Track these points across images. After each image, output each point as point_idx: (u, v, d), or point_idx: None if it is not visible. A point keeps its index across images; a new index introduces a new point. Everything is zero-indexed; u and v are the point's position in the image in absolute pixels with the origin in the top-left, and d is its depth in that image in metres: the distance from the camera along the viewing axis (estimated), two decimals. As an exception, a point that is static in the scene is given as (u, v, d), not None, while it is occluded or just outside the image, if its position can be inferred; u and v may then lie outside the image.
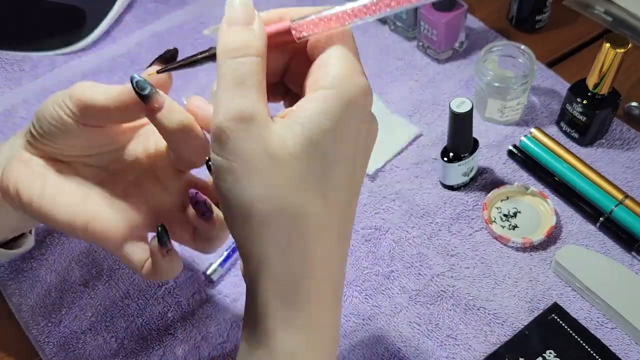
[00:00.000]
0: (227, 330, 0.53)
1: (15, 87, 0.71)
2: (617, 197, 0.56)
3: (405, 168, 0.62)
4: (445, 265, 0.55)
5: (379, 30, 0.74)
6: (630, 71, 0.67)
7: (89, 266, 0.57)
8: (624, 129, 0.63)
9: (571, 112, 0.60)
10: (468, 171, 0.58)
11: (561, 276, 0.54)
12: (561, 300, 0.52)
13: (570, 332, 0.50)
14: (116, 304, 0.55)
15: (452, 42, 0.68)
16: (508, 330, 0.51)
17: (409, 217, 0.58)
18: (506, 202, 0.58)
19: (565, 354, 0.49)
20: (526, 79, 0.60)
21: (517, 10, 0.71)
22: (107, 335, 0.53)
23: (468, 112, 0.53)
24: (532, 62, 0.61)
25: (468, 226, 0.57)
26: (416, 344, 0.51)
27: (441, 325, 0.52)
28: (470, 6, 0.68)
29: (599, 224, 0.56)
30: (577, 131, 0.61)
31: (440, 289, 0.54)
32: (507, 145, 0.62)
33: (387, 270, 0.55)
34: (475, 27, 0.73)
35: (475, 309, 0.53)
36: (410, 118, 0.65)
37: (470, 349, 0.50)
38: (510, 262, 0.55)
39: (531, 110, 0.65)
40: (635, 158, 0.60)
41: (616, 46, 0.54)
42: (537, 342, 0.50)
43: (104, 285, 0.56)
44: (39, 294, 0.55)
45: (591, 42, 0.72)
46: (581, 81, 0.59)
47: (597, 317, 0.51)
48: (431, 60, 0.70)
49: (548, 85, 0.67)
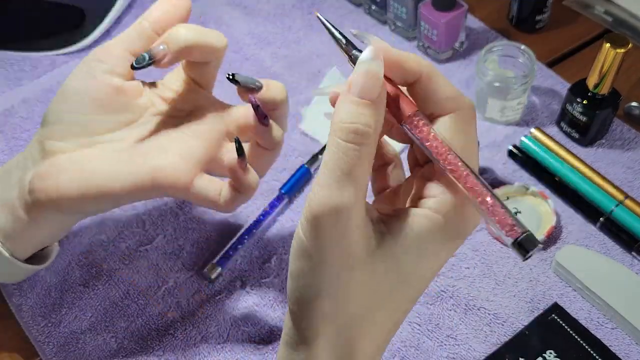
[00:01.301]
0: (227, 330, 0.53)
1: (15, 87, 0.71)
2: (618, 198, 0.56)
3: (405, 168, 0.62)
4: (445, 265, 0.55)
5: (379, 30, 0.74)
6: (631, 71, 0.67)
7: (88, 266, 0.57)
8: (624, 129, 0.63)
9: (571, 112, 0.60)
10: (468, 171, 0.58)
11: (561, 276, 0.54)
12: (561, 301, 0.52)
13: (571, 332, 0.50)
14: (116, 304, 0.55)
15: (452, 42, 0.68)
16: (508, 330, 0.51)
17: (409, 217, 0.58)
18: (506, 202, 0.58)
19: (565, 354, 0.49)
20: (526, 79, 0.60)
21: (517, 10, 0.71)
22: (107, 336, 0.53)
23: (468, 112, 0.52)
24: (532, 62, 0.61)
25: (468, 226, 0.57)
26: (416, 344, 0.51)
27: (441, 325, 0.52)
28: (470, 6, 0.68)
29: (599, 224, 0.56)
30: (577, 131, 0.61)
31: (440, 288, 0.54)
32: (508, 145, 0.62)
33: (387, 271, 0.55)
34: (476, 27, 0.73)
35: (476, 309, 0.53)
36: (410, 118, 0.65)
37: (471, 349, 0.50)
38: (511, 262, 0.55)
39: (531, 110, 0.65)
40: (635, 158, 0.60)
41: (616, 46, 0.54)
42: (538, 342, 0.50)
43: (103, 286, 0.56)
44: (38, 294, 0.55)
45: (591, 42, 0.72)
46: (581, 81, 0.59)
47: (598, 317, 0.51)
48: (431, 60, 0.70)
49: (548, 85, 0.67)
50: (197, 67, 0.47)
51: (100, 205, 0.47)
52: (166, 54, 0.43)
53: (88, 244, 0.58)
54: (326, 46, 0.73)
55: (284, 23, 0.75)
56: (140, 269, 0.57)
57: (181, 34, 0.43)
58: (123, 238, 0.59)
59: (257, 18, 0.76)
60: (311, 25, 0.75)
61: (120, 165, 0.44)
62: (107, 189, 0.44)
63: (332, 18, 0.75)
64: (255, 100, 0.44)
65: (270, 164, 0.49)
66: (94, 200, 0.45)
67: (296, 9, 0.77)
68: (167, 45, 0.44)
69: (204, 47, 0.44)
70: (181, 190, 0.45)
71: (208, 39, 0.44)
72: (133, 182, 0.44)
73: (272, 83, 0.45)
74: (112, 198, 0.45)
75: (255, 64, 0.71)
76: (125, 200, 0.46)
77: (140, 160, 0.44)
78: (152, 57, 0.43)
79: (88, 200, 0.44)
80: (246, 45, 0.73)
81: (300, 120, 0.66)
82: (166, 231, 0.59)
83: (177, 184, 0.44)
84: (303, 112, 0.66)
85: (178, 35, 0.43)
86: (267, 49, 0.73)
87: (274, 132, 0.46)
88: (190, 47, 0.44)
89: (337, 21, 0.75)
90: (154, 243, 0.58)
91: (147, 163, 0.44)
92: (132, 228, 0.59)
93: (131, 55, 0.45)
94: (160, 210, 0.60)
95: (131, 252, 0.58)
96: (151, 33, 0.45)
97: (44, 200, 0.44)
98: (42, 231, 0.48)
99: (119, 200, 0.46)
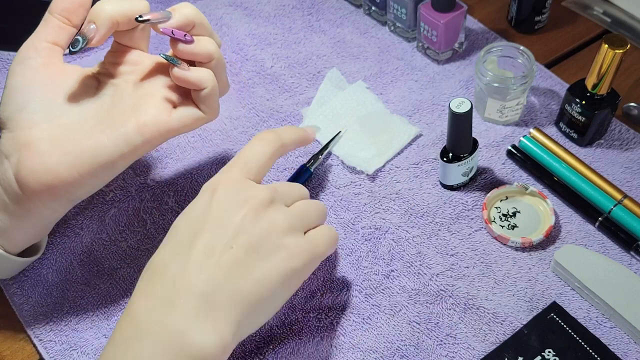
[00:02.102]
0: (227, 329, 0.53)
1: (16, 87, 0.71)
2: (616, 197, 0.57)
3: (405, 168, 0.62)
4: (444, 265, 0.55)
5: (379, 30, 0.74)
6: (629, 72, 0.68)
7: (90, 265, 0.57)
8: (622, 129, 0.63)
9: (570, 113, 0.60)
10: (467, 171, 0.59)
11: (560, 275, 0.54)
12: (560, 300, 0.53)
13: (569, 331, 0.51)
14: (117, 303, 0.55)
15: (451, 43, 0.69)
16: (507, 330, 0.51)
17: (409, 217, 0.58)
18: (505, 202, 0.59)
19: (564, 353, 0.50)
20: (525, 80, 0.60)
21: (516, 11, 0.72)
22: (109, 334, 0.53)
23: (467, 112, 0.53)
24: (531, 63, 0.61)
25: (467, 226, 0.58)
26: (416, 343, 0.51)
27: (441, 324, 0.52)
28: (469, 7, 0.68)
29: (598, 224, 0.56)
30: (576, 131, 0.61)
31: (439, 288, 0.54)
32: (507, 145, 0.62)
33: (386, 270, 0.55)
34: (475, 27, 0.73)
35: (475, 308, 0.53)
36: (410, 118, 0.66)
37: (470, 348, 0.51)
38: (510, 261, 0.55)
39: (530, 110, 0.65)
40: (634, 158, 0.61)
41: (615, 47, 0.54)
42: (536, 341, 0.50)
43: (105, 284, 0.56)
44: (40, 293, 0.56)
45: (590, 42, 0.72)
46: (580, 82, 0.59)
47: (596, 316, 0.52)
48: (431, 61, 0.70)
49: (547, 86, 0.67)
50: (128, 34, 0.51)
51: (95, 179, 0.48)
52: (96, 31, 0.46)
53: (89, 243, 0.58)
54: (326, 47, 0.73)
55: (284, 24, 0.76)
56: (141, 268, 0.56)
57: (105, 9, 0.46)
58: (124, 237, 0.59)
59: (257, 19, 0.76)
60: (311, 26, 0.75)
61: (105, 134, 0.46)
62: (101, 159, 0.46)
63: (332, 19, 0.76)
64: (167, 29, 0.47)
65: (223, 78, 0.53)
66: (89, 175, 0.46)
67: (296, 10, 0.77)
68: (94, 23, 0.46)
69: (127, 16, 0.47)
70: (167, 131, 0.49)
71: (130, 6, 0.47)
72: (125, 143, 0.47)
73: (178, 6, 0.48)
74: (107, 167, 0.47)
75: (256, 64, 0.72)
76: (121, 164, 0.48)
77: (122, 123, 0.47)
78: (85, 37, 0.46)
79: (83, 176, 0.46)
80: (246, 46, 0.73)
81: (300, 121, 0.66)
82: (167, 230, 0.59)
83: (162, 128, 0.48)
84: (303, 112, 0.67)
85: (103, 11, 0.46)
86: (268, 49, 0.73)
87: (202, 44, 0.49)
88: (116, 18, 0.47)
89: (337, 22, 0.75)
90: (155, 242, 0.58)
91: (129, 124, 0.47)
92: (134, 227, 0.59)
93: (51, 45, 0.48)
94: (162, 210, 0.60)
95: (132, 251, 0.58)
96: (59, 22, 0.48)
97: (36, 188, 0.45)
98: (34, 223, 0.49)
99: (115, 167, 0.48)
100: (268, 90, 0.69)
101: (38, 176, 0.45)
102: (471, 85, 0.68)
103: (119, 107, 0.48)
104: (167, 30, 0.47)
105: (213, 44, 0.50)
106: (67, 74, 0.49)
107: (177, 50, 0.48)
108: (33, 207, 0.47)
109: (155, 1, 0.79)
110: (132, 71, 0.51)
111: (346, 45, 0.73)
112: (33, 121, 0.46)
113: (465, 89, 0.68)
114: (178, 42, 0.48)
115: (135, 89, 0.50)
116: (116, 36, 0.51)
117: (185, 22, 0.48)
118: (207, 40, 0.49)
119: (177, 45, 0.48)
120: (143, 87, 0.50)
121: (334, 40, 0.73)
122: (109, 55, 0.52)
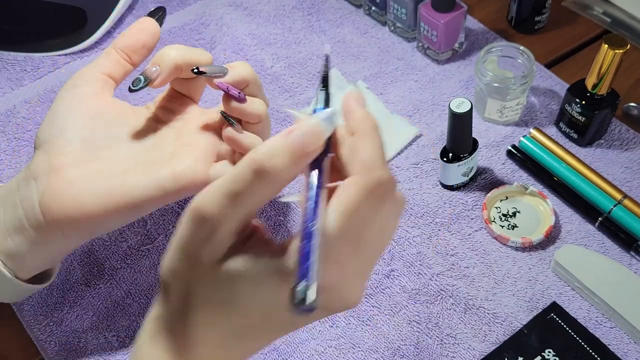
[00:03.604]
0: (227, 329, 0.53)
1: (17, 87, 0.71)
2: (616, 197, 0.57)
3: (405, 168, 0.62)
4: (444, 265, 0.55)
5: (379, 31, 0.74)
6: (629, 72, 0.68)
7: (90, 265, 0.57)
8: (622, 129, 0.63)
9: (570, 113, 0.60)
10: (467, 171, 0.59)
11: (560, 275, 0.54)
12: (560, 300, 0.53)
13: (569, 331, 0.51)
14: (118, 303, 0.55)
15: (451, 43, 0.69)
16: (507, 330, 0.51)
17: (409, 217, 0.58)
18: (505, 202, 0.59)
19: (564, 353, 0.50)
20: (525, 80, 0.60)
21: (516, 11, 0.72)
22: (109, 335, 0.53)
23: (467, 112, 0.53)
24: (531, 63, 0.61)
25: (467, 226, 0.58)
26: (416, 342, 0.51)
27: (441, 324, 0.52)
28: (469, 7, 0.68)
29: (598, 224, 0.56)
30: (576, 131, 0.61)
31: (439, 288, 0.54)
32: (507, 145, 0.62)
33: (387, 270, 0.55)
34: (475, 27, 0.73)
35: (475, 308, 0.53)
36: (410, 118, 0.66)
37: (470, 348, 0.51)
38: (510, 261, 0.55)
39: (530, 110, 0.65)
40: (633, 158, 0.61)
41: (615, 47, 0.54)
42: (536, 341, 0.50)
43: (105, 285, 0.56)
44: (40, 293, 0.56)
45: (590, 42, 0.72)
46: (580, 82, 0.59)
47: (596, 316, 0.52)
48: (431, 61, 0.70)
49: (547, 86, 0.67)
50: (185, 82, 0.51)
51: (119, 218, 0.47)
52: (159, 74, 0.47)
53: (90, 244, 0.58)
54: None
55: (284, 24, 0.76)
56: (141, 268, 0.57)
57: (171, 54, 0.47)
58: (125, 238, 0.59)
59: (257, 19, 0.76)
60: (311, 27, 0.75)
61: (139, 175, 0.46)
62: (129, 199, 0.45)
63: (333, 19, 0.76)
64: (223, 84, 0.47)
65: (266, 137, 0.51)
66: (114, 212, 0.45)
67: (296, 10, 0.77)
68: (159, 66, 0.47)
69: (191, 64, 0.47)
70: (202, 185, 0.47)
71: (194, 56, 0.48)
72: (157, 188, 0.46)
73: (235, 64, 0.49)
74: (134, 208, 0.46)
75: (256, 64, 0.72)
76: (148, 208, 0.47)
77: (158, 168, 0.47)
78: (147, 78, 0.47)
79: (109, 212, 0.45)
80: (247, 46, 0.73)
81: (300, 121, 0.66)
82: (168, 231, 0.59)
83: (198, 180, 0.48)
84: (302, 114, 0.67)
85: (168, 56, 0.47)
86: (268, 49, 0.73)
87: (254, 105, 0.49)
88: (180, 65, 0.47)
89: (337, 22, 0.75)
90: (155, 243, 0.58)
91: (165, 170, 0.47)
92: (134, 228, 0.59)
93: (106, 77, 0.48)
94: (162, 210, 0.60)
95: (133, 252, 0.58)
96: (120, 57, 0.49)
97: (58, 216, 0.44)
98: (50, 250, 0.48)
99: (142, 209, 0.47)
100: (268, 90, 0.69)
101: (62, 204, 0.44)
102: (471, 85, 0.68)
103: (159, 151, 0.48)
104: (223, 86, 0.47)
105: (264, 105, 0.49)
106: (115, 108, 0.48)
107: (229, 107, 0.48)
108: (51, 236, 0.46)
109: (154, 1, 0.79)
110: (180, 119, 0.51)
111: (346, 46, 0.73)
112: (69, 148, 0.45)
113: (465, 89, 0.68)
114: (231, 100, 0.48)
115: (179, 137, 0.49)
116: (174, 83, 0.51)
117: (240, 80, 0.48)
118: (259, 102, 0.49)
119: (230, 102, 0.48)
120: (187, 137, 0.49)
121: (334, 41, 0.74)
122: (162, 99, 0.52)
